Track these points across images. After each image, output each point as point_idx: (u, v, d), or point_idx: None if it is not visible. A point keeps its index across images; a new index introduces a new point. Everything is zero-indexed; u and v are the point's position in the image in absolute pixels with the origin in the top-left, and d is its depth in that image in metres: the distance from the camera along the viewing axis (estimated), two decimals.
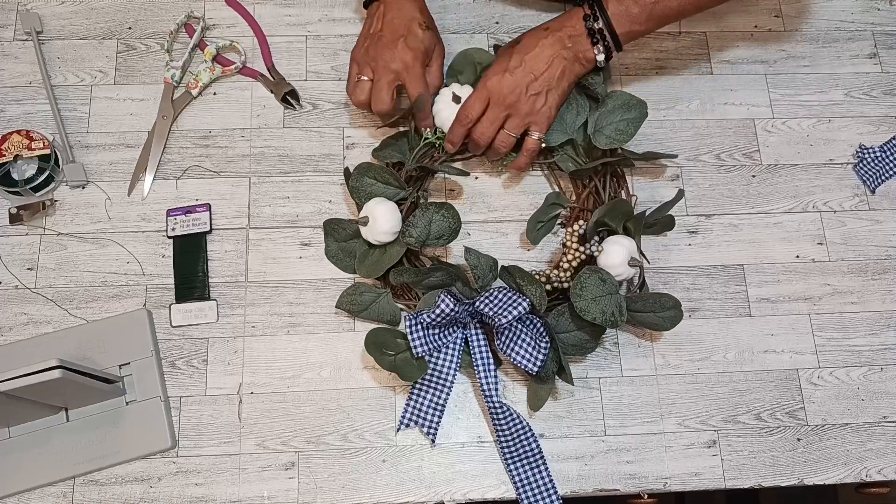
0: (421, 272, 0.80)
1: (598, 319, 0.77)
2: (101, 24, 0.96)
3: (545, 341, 0.78)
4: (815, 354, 0.87)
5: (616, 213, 0.82)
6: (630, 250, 0.79)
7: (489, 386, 0.80)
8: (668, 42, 0.99)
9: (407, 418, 0.81)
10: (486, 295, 0.78)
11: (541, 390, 0.81)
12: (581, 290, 0.77)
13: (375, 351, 0.79)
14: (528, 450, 0.80)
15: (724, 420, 0.84)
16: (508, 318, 0.75)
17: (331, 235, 0.86)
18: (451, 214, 0.81)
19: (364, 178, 0.83)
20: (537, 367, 0.77)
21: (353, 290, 0.84)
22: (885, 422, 0.85)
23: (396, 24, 0.83)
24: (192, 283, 0.86)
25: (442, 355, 0.81)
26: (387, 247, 0.82)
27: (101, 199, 0.89)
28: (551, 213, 0.88)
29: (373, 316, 0.84)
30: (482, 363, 0.80)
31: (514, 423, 0.79)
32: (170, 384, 0.82)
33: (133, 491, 0.79)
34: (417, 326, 0.78)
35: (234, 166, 0.91)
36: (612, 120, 0.85)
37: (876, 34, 1.01)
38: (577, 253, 0.81)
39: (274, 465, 0.80)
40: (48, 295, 0.85)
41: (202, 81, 0.93)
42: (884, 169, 0.94)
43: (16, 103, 0.92)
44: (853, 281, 0.90)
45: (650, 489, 0.82)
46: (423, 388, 0.81)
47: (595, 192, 0.87)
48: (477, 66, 0.88)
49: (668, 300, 0.80)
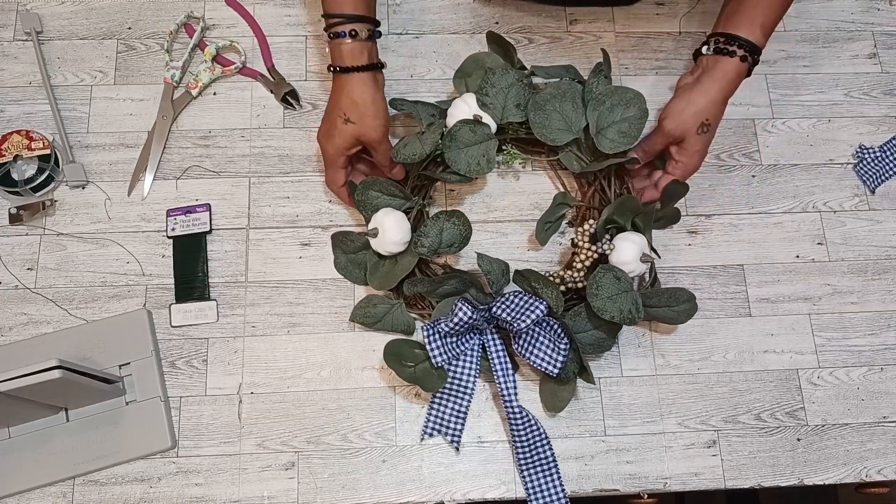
0: (435, 281, 0.79)
1: (616, 318, 0.77)
2: (101, 24, 0.96)
3: (564, 343, 0.77)
4: (815, 354, 0.87)
5: (624, 210, 0.82)
6: (641, 246, 0.80)
7: (509, 392, 0.79)
8: (668, 42, 0.99)
9: (430, 427, 0.81)
10: (502, 300, 0.78)
11: (562, 391, 0.81)
12: (597, 289, 0.77)
13: (395, 363, 0.79)
14: (542, 457, 0.80)
15: (724, 420, 0.84)
16: (527, 322, 0.75)
17: (339, 248, 0.86)
18: (461, 222, 0.81)
19: (369, 191, 0.83)
20: (558, 368, 0.77)
21: (367, 302, 0.84)
22: (885, 422, 0.85)
23: (329, 110, 0.83)
24: (192, 283, 0.86)
25: (461, 363, 0.80)
26: (397, 257, 0.82)
27: (101, 199, 0.89)
28: (558, 213, 0.88)
29: (387, 327, 0.83)
30: (501, 369, 0.80)
31: (532, 430, 0.79)
32: (170, 384, 0.82)
33: (133, 491, 0.79)
34: (435, 336, 0.78)
35: (234, 166, 0.91)
36: (613, 119, 0.85)
37: (876, 34, 1.01)
38: (590, 252, 0.81)
39: (274, 465, 0.80)
40: (48, 295, 0.85)
41: (202, 81, 0.93)
42: (884, 169, 0.94)
43: (16, 103, 0.92)
44: (853, 281, 0.90)
45: (650, 489, 0.82)
46: (444, 397, 0.81)
47: (601, 190, 0.87)
48: (487, 70, 0.87)
49: (683, 294, 0.81)
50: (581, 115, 0.86)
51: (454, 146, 0.82)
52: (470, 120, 0.83)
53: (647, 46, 0.99)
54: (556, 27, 0.99)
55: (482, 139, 0.83)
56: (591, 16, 1.00)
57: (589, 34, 0.99)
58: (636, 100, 0.85)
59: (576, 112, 0.85)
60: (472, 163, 0.82)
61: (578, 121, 0.86)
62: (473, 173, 0.82)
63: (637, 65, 0.98)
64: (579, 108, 0.85)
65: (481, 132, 0.83)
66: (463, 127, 0.82)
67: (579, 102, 0.86)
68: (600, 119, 0.85)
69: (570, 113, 0.85)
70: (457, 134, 0.82)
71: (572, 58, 0.97)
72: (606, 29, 0.99)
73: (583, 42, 0.99)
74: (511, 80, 0.85)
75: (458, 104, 0.85)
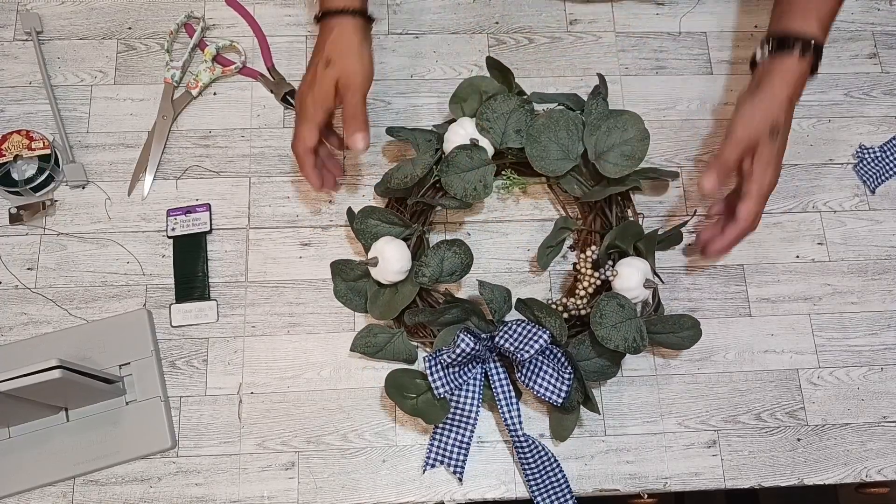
0: (437, 311, 0.78)
1: (621, 347, 0.76)
2: (101, 24, 0.96)
3: (568, 372, 0.76)
4: (815, 354, 0.87)
5: (627, 235, 0.81)
6: (644, 272, 0.79)
7: (513, 421, 0.79)
8: (668, 42, 0.99)
9: (432, 458, 0.80)
10: (504, 329, 0.77)
11: (565, 420, 0.80)
12: (601, 317, 0.77)
13: (397, 395, 0.78)
14: (554, 482, 0.79)
15: (724, 420, 0.84)
16: (531, 352, 0.74)
17: (339, 276, 0.85)
18: (462, 250, 0.80)
19: (368, 219, 0.83)
20: (562, 398, 0.76)
21: (367, 331, 0.83)
22: (885, 422, 0.85)
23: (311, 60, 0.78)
24: (192, 283, 0.86)
25: (463, 393, 0.79)
26: (398, 286, 0.81)
27: (101, 199, 0.89)
28: (560, 237, 0.87)
29: (388, 356, 0.83)
30: (504, 398, 0.79)
31: (541, 457, 0.79)
32: (170, 384, 0.82)
33: (133, 491, 0.79)
34: (437, 366, 0.76)
35: (234, 166, 0.91)
36: (613, 143, 0.84)
37: (876, 34, 1.01)
38: (593, 279, 0.80)
39: (274, 465, 0.80)
40: (48, 295, 0.85)
41: (202, 81, 0.93)
42: (884, 169, 0.94)
43: (16, 103, 0.92)
44: (853, 281, 0.90)
45: (650, 489, 0.82)
46: (446, 427, 0.80)
47: (602, 214, 0.86)
48: (483, 94, 0.86)
49: (687, 320, 0.80)
50: (578, 142, 0.85)
51: (451, 171, 0.81)
52: (467, 145, 0.82)
53: (647, 46, 0.99)
54: (556, 27, 0.99)
55: (479, 164, 0.82)
56: (591, 16, 1.00)
57: (589, 34, 0.99)
58: (633, 121, 0.84)
59: (571, 139, 0.85)
60: (468, 188, 0.81)
61: (576, 147, 0.85)
62: (470, 198, 0.82)
63: (637, 65, 0.98)
64: (575, 135, 0.85)
65: (478, 157, 0.82)
66: (460, 152, 0.81)
67: (573, 129, 0.85)
68: (598, 144, 0.84)
69: (566, 140, 0.84)
70: (453, 159, 0.81)
71: (572, 58, 0.97)
72: (606, 29, 0.99)
73: (583, 42, 0.99)
74: (512, 105, 0.84)
75: (455, 129, 0.84)
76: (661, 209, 0.91)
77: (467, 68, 0.96)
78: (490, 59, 0.86)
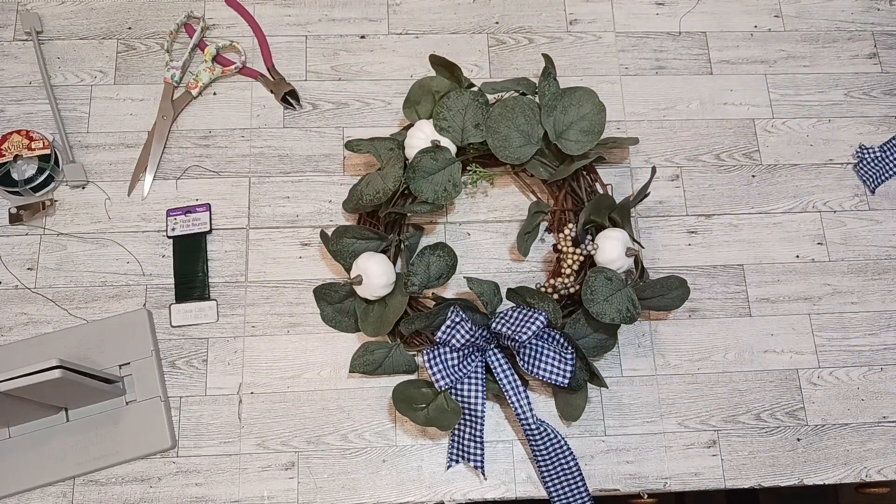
0: (432, 314, 0.78)
1: (616, 318, 0.77)
2: (101, 24, 0.96)
3: (570, 352, 0.77)
4: (815, 354, 0.87)
5: (601, 208, 0.82)
6: (624, 241, 0.80)
7: (522, 407, 0.78)
8: (668, 42, 0.99)
9: (455, 455, 0.80)
10: (500, 315, 0.78)
11: (575, 399, 0.80)
12: (592, 294, 0.77)
13: (407, 410, 0.78)
14: (566, 468, 0.79)
15: (724, 420, 0.84)
16: (528, 334, 0.74)
17: (323, 300, 0.84)
18: (446, 253, 0.81)
19: (343, 239, 0.82)
20: (568, 379, 0.76)
21: (364, 350, 0.82)
22: (885, 422, 0.85)
23: None
24: (192, 283, 0.85)
25: (466, 388, 0.79)
26: (386, 299, 0.81)
27: (101, 199, 0.89)
28: (535, 222, 0.87)
29: (388, 371, 0.83)
30: (510, 385, 0.79)
31: (553, 443, 0.79)
32: (170, 384, 0.82)
33: (133, 491, 0.79)
34: (436, 359, 0.76)
35: (234, 166, 0.91)
36: (570, 120, 0.84)
37: (876, 34, 1.01)
38: (576, 256, 0.81)
39: (274, 465, 0.80)
40: (48, 295, 0.85)
41: (202, 81, 0.93)
42: (884, 169, 0.94)
43: (16, 103, 0.92)
44: (853, 281, 0.90)
45: (650, 489, 0.82)
46: (461, 423, 0.80)
47: (572, 192, 0.87)
48: (435, 94, 0.86)
49: (674, 281, 0.81)
50: (536, 125, 0.85)
51: (418, 176, 0.81)
52: (430, 147, 0.82)
53: (647, 46, 0.99)
54: (556, 27, 0.99)
55: (444, 164, 0.82)
56: (591, 16, 1.00)
57: (589, 34, 0.99)
58: (587, 96, 0.85)
59: (530, 123, 0.85)
60: (438, 190, 0.82)
61: (536, 131, 0.85)
62: (441, 200, 0.82)
63: (637, 65, 0.98)
64: (533, 119, 0.85)
65: (443, 158, 0.82)
66: (424, 156, 0.81)
67: (530, 114, 0.85)
68: (557, 124, 0.84)
69: (525, 126, 0.85)
70: (418, 164, 0.81)
71: (572, 58, 0.97)
72: (606, 29, 0.99)
73: (583, 42, 0.99)
74: (466, 101, 0.84)
75: (414, 133, 0.84)
76: (661, 209, 0.91)
77: (467, 68, 0.96)
78: (434, 57, 0.86)
